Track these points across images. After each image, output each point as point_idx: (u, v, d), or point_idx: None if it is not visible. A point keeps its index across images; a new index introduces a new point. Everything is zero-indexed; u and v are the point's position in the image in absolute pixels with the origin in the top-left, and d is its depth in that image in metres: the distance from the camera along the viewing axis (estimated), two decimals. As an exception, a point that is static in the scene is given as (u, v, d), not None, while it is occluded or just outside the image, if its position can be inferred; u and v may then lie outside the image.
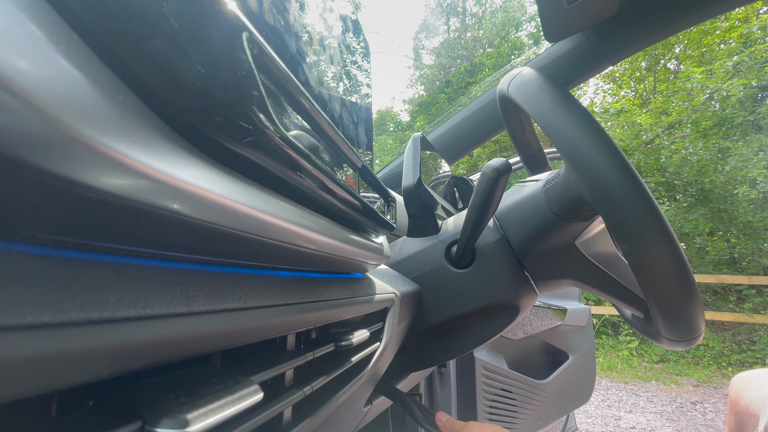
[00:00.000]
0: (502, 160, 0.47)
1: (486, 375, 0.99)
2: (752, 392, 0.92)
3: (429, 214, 0.62)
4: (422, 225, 0.63)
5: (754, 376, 0.98)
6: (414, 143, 0.67)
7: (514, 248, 0.56)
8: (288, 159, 0.20)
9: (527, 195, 0.55)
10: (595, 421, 3.06)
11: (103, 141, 0.11)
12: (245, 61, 0.16)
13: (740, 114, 5.21)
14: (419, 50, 14.57)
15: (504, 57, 9.36)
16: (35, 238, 0.11)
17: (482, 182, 0.48)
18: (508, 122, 0.60)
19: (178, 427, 0.14)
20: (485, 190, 0.48)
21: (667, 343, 0.46)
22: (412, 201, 0.62)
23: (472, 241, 0.54)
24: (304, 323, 0.27)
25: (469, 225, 0.52)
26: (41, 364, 0.10)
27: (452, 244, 0.59)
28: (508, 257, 0.56)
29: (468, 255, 0.57)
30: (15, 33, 0.09)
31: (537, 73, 0.45)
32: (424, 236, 0.62)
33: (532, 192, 0.55)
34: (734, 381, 1.04)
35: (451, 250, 0.59)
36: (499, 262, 0.56)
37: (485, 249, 0.57)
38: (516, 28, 10.46)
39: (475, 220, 0.51)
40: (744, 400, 0.93)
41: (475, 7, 12.56)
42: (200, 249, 0.17)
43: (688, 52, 5.88)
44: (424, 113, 10.63)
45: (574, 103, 0.41)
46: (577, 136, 0.39)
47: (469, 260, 0.57)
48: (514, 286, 0.56)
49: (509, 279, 0.56)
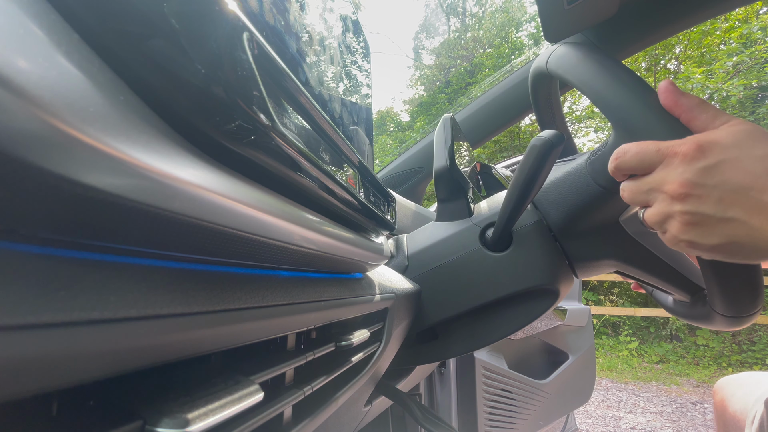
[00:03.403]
0: (554, 131, 0.44)
1: (486, 375, 0.99)
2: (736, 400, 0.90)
3: (462, 196, 0.60)
4: (453, 208, 0.60)
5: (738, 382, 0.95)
6: (444, 124, 0.64)
7: (552, 229, 0.54)
8: (288, 159, 0.20)
9: (569, 170, 0.52)
10: (595, 421, 3.05)
11: (103, 141, 0.11)
12: (245, 61, 0.16)
13: (740, 114, 5.22)
14: (419, 50, 14.58)
15: (504, 57, 9.37)
16: (35, 238, 0.11)
17: (530, 156, 0.44)
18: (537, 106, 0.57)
19: (178, 427, 0.14)
20: (533, 165, 0.44)
21: (722, 321, 0.43)
22: (443, 184, 0.60)
23: (512, 222, 0.52)
24: (304, 323, 0.27)
25: (511, 204, 0.49)
26: (41, 364, 0.10)
27: (487, 227, 0.57)
28: (547, 239, 0.54)
29: (505, 238, 0.55)
30: (15, 33, 0.09)
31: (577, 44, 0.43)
32: (456, 219, 0.60)
33: (575, 167, 0.52)
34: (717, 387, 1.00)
35: (486, 234, 0.56)
36: (538, 245, 0.54)
37: (523, 231, 0.54)
38: (516, 28, 10.46)
39: (518, 197, 0.48)
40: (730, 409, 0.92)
41: (475, 8, 12.57)
42: (200, 249, 0.17)
43: (688, 53, 5.89)
44: (424, 113, 10.63)
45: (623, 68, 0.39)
46: (629, 99, 0.37)
47: (507, 243, 0.55)
48: (554, 269, 0.54)
49: (549, 262, 0.54)
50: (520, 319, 0.57)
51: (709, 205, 0.31)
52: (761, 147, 0.30)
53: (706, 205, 0.31)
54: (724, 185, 0.30)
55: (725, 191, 0.30)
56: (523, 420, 1.11)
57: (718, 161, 0.31)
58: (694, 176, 0.31)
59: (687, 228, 0.32)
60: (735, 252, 0.32)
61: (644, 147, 0.34)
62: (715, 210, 0.31)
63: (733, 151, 0.30)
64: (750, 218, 0.30)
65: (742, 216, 0.30)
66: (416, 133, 9.53)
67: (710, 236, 0.32)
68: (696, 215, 0.31)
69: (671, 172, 0.32)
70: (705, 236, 0.32)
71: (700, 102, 0.34)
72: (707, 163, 0.31)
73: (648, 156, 0.34)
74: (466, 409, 0.97)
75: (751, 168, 0.30)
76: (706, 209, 0.31)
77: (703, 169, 0.31)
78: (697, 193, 0.31)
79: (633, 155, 0.35)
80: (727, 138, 0.31)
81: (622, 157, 0.36)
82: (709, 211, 0.31)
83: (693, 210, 0.31)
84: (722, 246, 0.32)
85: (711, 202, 0.31)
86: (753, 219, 0.30)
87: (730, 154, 0.30)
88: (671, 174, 0.32)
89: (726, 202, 0.30)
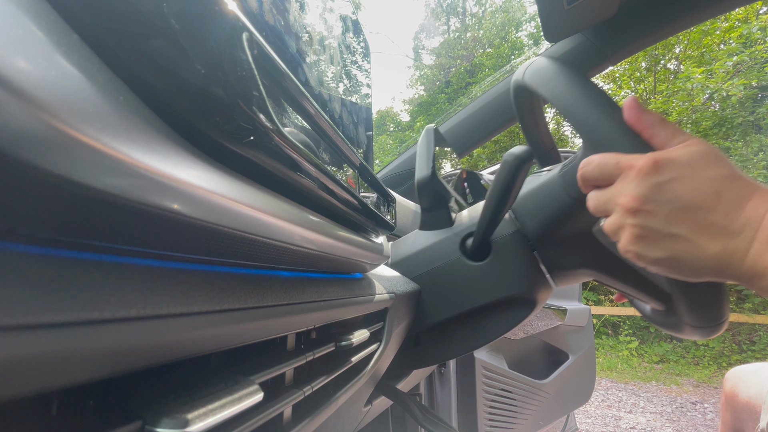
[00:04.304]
0: (524, 147, 0.46)
1: (486, 375, 0.99)
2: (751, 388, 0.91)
3: (443, 206, 0.61)
4: (435, 218, 0.62)
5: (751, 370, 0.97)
6: (427, 135, 0.66)
7: (530, 239, 0.55)
8: (288, 159, 0.20)
9: (543, 181, 0.54)
10: (595, 421, 3.05)
11: (103, 141, 0.11)
12: (245, 62, 0.16)
13: (740, 114, 5.21)
14: (419, 50, 14.58)
15: (504, 57, 9.36)
16: (35, 238, 0.11)
17: (503, 170, 0.47)
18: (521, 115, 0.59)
19: (178, 427, 0.14)
20: (506, 179, 0.47)
21: (691, 331, 0.45)
22: (425, 193, 0.61)
23: (489, 232, 0.53)
24: (304, 323, 0.27)
25: (488, 215, 0.51)
26: (41, 364, 0.10)
27: (467, 237, 0.58)
28: (525, 249, 0.55)
29: (484, 247, 0.56)
30: (15, 33, 0.09)
31: (552, 59, 0.45)
32: (438, 229, 0.61)
33: (548, 178, 0.54)
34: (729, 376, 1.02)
35: (466, 243, 0.58)
36: (516, 254, 0.55)
37: (501, 241, 0.56)
38: (516, 28, 10.46)
39: (493, 209, 0.50)
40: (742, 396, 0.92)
41: (475, 8, 12.57)
42: (200, 249, 0.17)
43: (688, 53, 5.88)
44: (424, 113, 10.62)
45: (591, 84, 0.40)
46: (596, 114, 0.38)
47: (485, 252, 0.56)
48: (531, 278, 0.56)
49: (526, 271, 0.55)
50: (497, 328, 0.58)
51: (658, 221, 0.32)
52: (713, 168, 0.31)
53: (654, 220, 0.32)
54: (674, 202, 0.31)
55: (674, 208, 0.31)
56: (523, 420, 1.11)
57: (670, 178, 0.32)
58: (646, 191, 0.32)
59: (635, 240, 0.34)
60: (677, 267, 0.33)
61: (606, 159, 0.36)
62: (663, 225, 0.32)
63: (686, 170, 0.32)
64: (695, 236, 0.31)
65: (687, 233, 0.31)
66: (416, 133, 9.52)
67: (655, 250, 0.33)
68: (644, 228, 0.33)
69: (627, 185, 0.34)
70: (650, 249, 0.33)
71: (660, 119, 0.36)
72: (660, 180, 0.32)
73: (608, 168, 0.35)
74: (466, 409, 0.97)
75: (701, 188, 0.31)
76: (654, 224, 0.32)
77: (655, 185, 0.32)
78: (648, 207, 0.32)
79: (595, 167, 0.36)
80: (683, 157, 0.32)
81: (586, 168, 0.37)
82: (657, 226, 0.32)
83: (642, 223, 0.33)
84: (666, 260, 0.33)
85: (659, 218, 0.32)
86: (697, 237, 0.31)
87: (683, 173, 0.32)
88: (626, 187, 0.33)
89: (674, 219, 0.32)
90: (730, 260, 0.30)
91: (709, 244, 0.31)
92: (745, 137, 5.33)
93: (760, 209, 0.30)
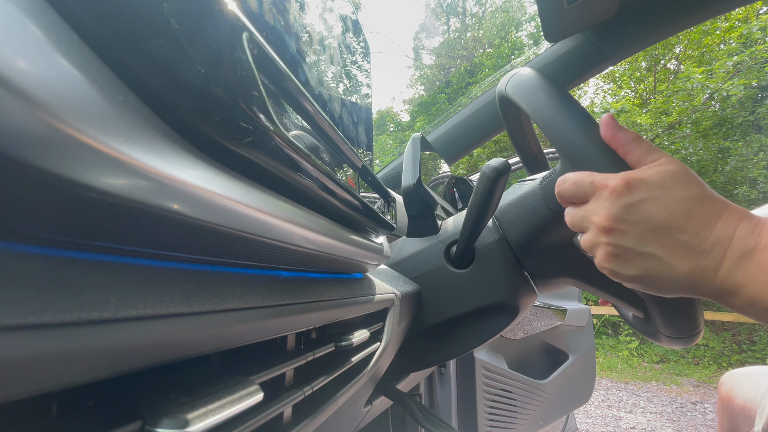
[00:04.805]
0: (502, 160, 0.48)
1: (486, 375, 0.99)
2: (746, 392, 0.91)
3: (428, 214, 0.63)
4: (422, 225, 0.63)
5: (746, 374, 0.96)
6: (413, 143, 0.68)
7: (513, 247, 0.56)
8: (288, 159, 0.20)
9: (524, 192, 0.56)
10: (595, 421, 3.05)
11: (102, 141, 0.11)
12: (245, 61, 0.16)
13: (740, 114, 5.21)
14: (419, 50, 14.58)
15: (504, 57, 9.36)
16: (35, 238, 0.11)
17: (481, 182, 0.48)
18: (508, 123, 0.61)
19: (178, 427, 0.14)
20: (484, 190, 0.48)
21: (667, 341, 0.46)
22: (411, 201, 0.63)
23: (472, 241, 0.55)
24: (304, 323, 0.27)
25: (469, 225, 0.53)
26: (41, 364, 0.10)
27: (452, 244, 0.59)
28: (508, 257, 0.57)
29: (468, 255, 0.57)
30: (15, 33, 0.09)
31: (534, 72, 0.45)
32: (424, 236, 0.62)
33: (529, 189, 0.55)
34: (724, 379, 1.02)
35: (450, 250, 0.59)
36: (499, 262, 0.57)
37: (485, 249, 0.57)
38: (516, 28, 10.46)
39: (474, 220, 0.52)
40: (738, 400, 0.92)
41: (475, 7, 12.56)
42: (200, 249, 0.17)
43: (688, 52, 5.88)
44: (424, 113, 10.63)
45: (569, 100, 0.41)
46: (572, 130, 0.39)
47: (469, 260, 0.58)
48: (514, 285, 0.57)
49: (509, 279, 0.56)
50: (481, 334, 0.59)
51: (630, 240, 0.33)
52: (684, 189, 0.32)
53: (627, 239, 0.33)
54: (646, 222, 0.32)
55: (646, 228, 0.32)
56: (523, 420, 1.11)
57: (642, 199, 0.33)
58: (618, 211, 0.33)
59: (609, 258, 0.35)
60: (651, 284, 0.34)
61: (581, 178, 0.36)
62: (635, 244, 0.33)
63: (657, 191, 0.33)
64: (666, 255, 0.32)
65: (658, 252, 0.32)
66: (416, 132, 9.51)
67: (629, 268, 0.34)
68: (618, 247, 0.34)
69: (600, 204, 0.34)
70: (624, 267, 0.34)
71: (635, 137, 0.37)
72: (632, 200, 0.33)
73: (583, 187, 0.36)
74: (466, 409, 0.97)
75: (671, 208, 0.32)
76: (626, 243, 0.33)
77: (627, 205, 0.33)
78: (620, 227, 0.33)
79: (570, 185, 0.37)
80: (654, 177, 0.33)
81: (562, 186, 0.38)
82: (630, 245, 0.33)
83: (615, 242, 0.34)
84: (639, 278, 0.34)
85: (632, 237, 0.33)
86: (668, 256, 0.32)
87: (654, 194, 0.33)
88: (600, 206, 0.34)
89: (645, 238, 0.33)
90: (701, 278, 0.31)
91: (680, 263, 0.32)
92: (745, 137, 5.33)
93: (729, 228, 0.31)
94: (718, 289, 0.31)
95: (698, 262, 0.31)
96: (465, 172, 4.94)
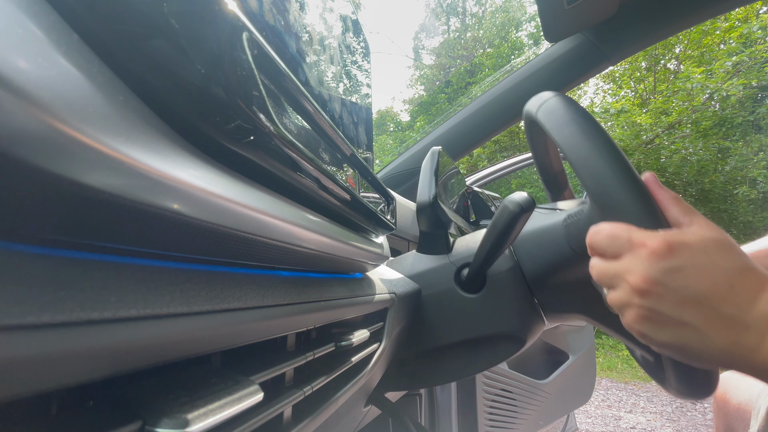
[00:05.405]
0: (526, 196, 0.45)
1: (486, 375, 0.99)
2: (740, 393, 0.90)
3: (442, 231, 0.61)
4: (434, 242, 0.61)
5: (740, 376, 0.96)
6: (432, 157, 0.65)
7: (526, 277, 0.55)
8: (288, 159, 0.20)
9: (546, 226, 0.54)
10: (595, 421, 3.05)
11: (102, 141, 0.11)
12: (245, 61, 0.16)
13: (740, 114, 5.21)
14: (419, 50, 14.58)
15: (504, 57, 9.36)
16: (35, 238, 0.11)
17: (503, 215, 0.46)
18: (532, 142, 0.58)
19: (178, 427, 0.14)
20: (505, 224, 0.46)
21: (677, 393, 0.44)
22: (425, 217, 0.61)
23: (485, 268, 0.53)
24: (304, 323, 0.27)
25: (483, 253, 0.51)
26: (41, 364, 0.10)
27: (463, 267, 0.57)
28: (520, 286, 0.55)
29: (479, 280, 0.56)
30: (15, 33, 0.09)
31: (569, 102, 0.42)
32: (435, 254, 0.61)
33: (551, 224, 0.53)
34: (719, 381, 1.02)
35: (461, 273, 0.57)
36: (511, 291, 0.55)
37: (497, 276, 0.55)
38: (516, 28, 10.46)
39: (489, 249, 0.50)
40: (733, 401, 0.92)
41: (475, 7, 12.57)
42: (200, 249, 0.17)
43: (688, 52, 5.88)
44: (424, 113, 10.62)
45: (607, 141, 0.38)
46: (609, 175, 0.37)
47: (480, 285, 0.56)
48: (524, 316, 0.55)
49: (519, 309, 0.55)
50: (484, 361, 0.58)
51: (667, 306, 0.31)
52: (727, 258, 0.31)
53: (664, 305, 0.31)
54: (686, 289, 0.31)
55: (685, 296, 0.31)
56: (524, 420, 1.11)
57: (683, 264, 0.31)
58: (658, 274, 0.31)
59: (641, 320, 0.33)
60: (684, 354, 0.32)
61: (617, 232, 0.34)
62: (672, 311, 0.31)
63: (701, 258, 0.31)
64: (704, 326, 0.30)
65: (697, 322, 0.30)
66: (416, 133, 9.53)
67: (663, 334, 0.32)
68: (653, 312, 0.32)
69: (638, 264, 0.32)
70: (657, 333, 0.32)
71: (676, 196, 0.35)
72: (673, 265, 0.31)
73: (619, 242, 0.34)
74: (466, 409, 0.97)
75: (714, 277, 0.30)
76: (663, 309, 0.31)
77: (668, 269, 0.31)
78: (658, 291, 0.31)
79: (605, 237, 0.35)
80: (697, 243, 0.31)
81: (595, 237, 0.36)
82: (666, 311, 0.31)
83: (650, 306, 0.32)
84: (672, 345, 0.32)
85: (670, 303, 0.31)
86: (707, 328, 0.30)
87: (696, 260, 0.31)
88: (637, 266, 0.32)
89: (684, 306, 0.31)
90: (741, 354, 0.30)
91: (720, 336, 0.30)
92: (745, 137, 5.33)
93: None
94: (759, 367, 0.29)
95: (739, 337, 0.29)
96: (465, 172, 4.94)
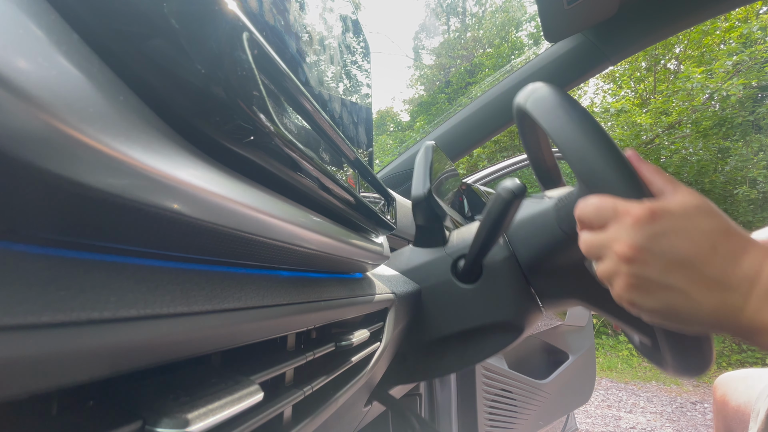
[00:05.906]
0: (518, 182, 0.47)
1: (486, 375, 0.99)
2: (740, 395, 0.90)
3: (437, 225, 0.62)
4: (429, 236, 0.62)
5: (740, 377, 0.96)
6: (426, 152, 0.66)
7: (521, 265, 0.56)
8: (288, 159, 0.20)
9: (538, 211, 0.55)
10: (595, 421, 3.05)
11: (102, 141, 0.11)
12: (245, 62, 0.16)
13: (740, 114, 5.21)
14: (419, 50, 14.58)
15: (504, 57, 9.36)
16: (35, 238, 0.11)
17: (496, 203, 0.47)
18: (524, 135, 0.60)
19: (178, 427, 0.14)
20: (498, 212, 0.47)
21: (674, 371, 0.45)
22: (420, 210, 0.62)
23: (480, 257, 0.54)
24: (304, 323, 0.27)
25: (479, 242, 0.52)
26: (41, 364, 0.10)
27: (459, 258, 0.58)
28: (516, 275, 0.56)
29: (475, 270, 0.56)
30: (15, 33, 0.09)
31: (555, 90, 0.44)
32: (431, 247, 0.61)
33: (543, 209, 0.54)
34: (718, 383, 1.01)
35: (458, 264, 0.58)
36: (507, 280, 0.56)
37: (493, 265, 0.56)
38: (516, 28, 10.46)
39: (484, 238, 0.51)
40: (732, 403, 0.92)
41: (475, 7, 12.57)
42: (200, 249, 0.17)
43: (688, 52, 5.88)
44: (424, 113, 10.63)
45: (591, 122, 0.40)
46: (594, 154, 0.38)
47: (476, 276, 0.57)
48: (521, 305, 0.56)
49: (516, 298, 0.56)
50: (483, 351, 0.58)
51: (653, 271, 0.32)
52: (709, 221, 0.31)
53: (649, 270, 0.32)
54: (670, 253, 0.31)
55: (670, 259, 0.31)
56: (523, 420, 1.11)
57: (667, 229, 0.31)
58: (642, 240, 0.32)
59: (630, 288, 0.33)
60: (672, 318, 0.33)
61: (603, 203, 0.35)
62: (658, 276, 0.32)
63: (683, 222, 0.32)
64: (690, 289, 0.31)
65: (683, 286, 0.31)
66: (416, 133, 9.52)
67: (650, 300, 0.33)
68: (639, 278, 0.32)
69: (622, 232, 0.33)
70: (645, 299, 0.33)
71: (657, 168, 0.36)
72: (657, 230, 0.32)
73: (605, 212, 0.35)
74: (466, 409, 0.97)
75: (697, 240, 0.31)
76: (649, 274, 0.32)
77: (652, 234, 0.32)
78: (643, 257, 0.32)
79: (592, 209, 0.36)
80: (679, 208, 0.32)
81: (583, 209, 0.37)
82: (653, 276, 0.32)
83: (637, 273, 0.32)
84: (660, 311, 0.33)
85: (655, 268, 0.32)
86: (693, 290, 0.31)
87: (679, 225, 0.32)
88: (622, 234, 0.33)
89: (669, 270, 0.31)
90: (727, 315, 0.30)
91: (706, 298, 0.30)
92: (745, 137, 5.32)
93: (755, 264, 0.30)
94: (744, 327, 0.30)
95: (724, 298, 0.30)
96: (465, 172, 4.94)
